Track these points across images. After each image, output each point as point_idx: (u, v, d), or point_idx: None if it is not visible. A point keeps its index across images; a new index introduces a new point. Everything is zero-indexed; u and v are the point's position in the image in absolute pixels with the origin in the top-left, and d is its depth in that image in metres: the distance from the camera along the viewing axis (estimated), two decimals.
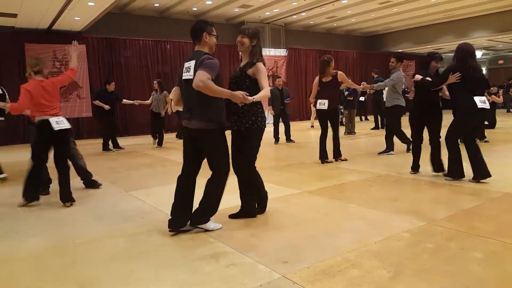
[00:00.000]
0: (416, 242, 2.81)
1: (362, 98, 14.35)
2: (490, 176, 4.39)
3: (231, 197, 3.59)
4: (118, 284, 2.35)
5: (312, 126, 12.95)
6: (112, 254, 2.80)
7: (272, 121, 9.55)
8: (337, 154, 6.35)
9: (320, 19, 16.35)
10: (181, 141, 3.44)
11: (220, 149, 3.17)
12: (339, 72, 6.17)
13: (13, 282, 2.44)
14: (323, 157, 6.25)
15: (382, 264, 2.45)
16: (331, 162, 6.27)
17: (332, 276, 2.32)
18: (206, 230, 3.15)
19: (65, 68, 11.91)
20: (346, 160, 6.35)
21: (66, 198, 4.19)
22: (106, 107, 8.48)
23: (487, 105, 4.40)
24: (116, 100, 8.93)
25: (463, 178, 4.57)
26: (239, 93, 2.95)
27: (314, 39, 18.26)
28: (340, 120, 13.24)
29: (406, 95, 6.73)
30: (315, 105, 6.35)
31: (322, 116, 6.23)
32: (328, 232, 3.09)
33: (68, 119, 4.38)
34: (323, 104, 6.12)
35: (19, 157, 8.42)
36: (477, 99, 4.34)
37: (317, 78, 6.33)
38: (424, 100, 4.85)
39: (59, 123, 4.16)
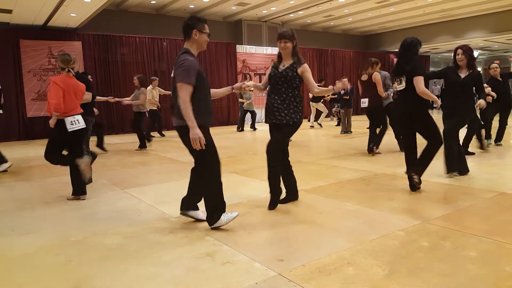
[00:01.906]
0: (411, 240, 2.83)
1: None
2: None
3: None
4: (113, 282, 2.34)
5: (312, 126, 12.86)
6: (107, 252, 2.79)
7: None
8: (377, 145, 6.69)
9: (317, 18, 16.37)
10: (176, 138, 3.43)
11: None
12: (374, 72, 6.52)
13: (8, 280, 2.43)
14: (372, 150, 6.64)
15: (377, 262, 2.47)
16: (379, 153, 6.65)
17: (327, 274, 2.32)
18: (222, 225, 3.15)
19: None
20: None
21: (81, 191, 4.31)
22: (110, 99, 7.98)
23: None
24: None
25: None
26: (199, 138, 2.92)
27: (311, 37, 18.26)
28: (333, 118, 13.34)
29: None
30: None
31: (368, 113, 6.79)
32: (323, 231, 3.10)
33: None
34: (364, 102, 6.68)
35: (16, 154, 8.38)
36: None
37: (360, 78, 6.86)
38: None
39: (74, 123, 4.18)
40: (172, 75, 3.13)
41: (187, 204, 3.35)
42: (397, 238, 2.88)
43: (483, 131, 6.90)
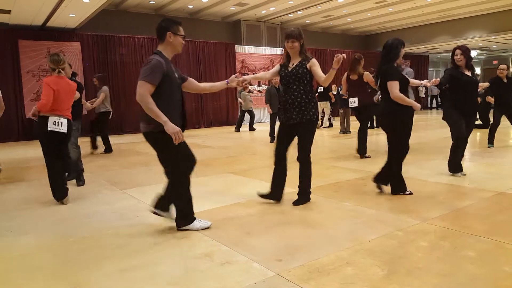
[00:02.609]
0: (410, 240, 2.83)
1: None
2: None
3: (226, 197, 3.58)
4: (112, 282, 2.34)
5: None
6: (106, 253, 2.79)
7: (269, 120, 9.55)
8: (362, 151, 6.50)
9: (316, 18, 16.38)
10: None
11: (165, 151, 3.02)
12: (365, 72, 6.42)
13: (6, 280, 2.42)
14: (362, 152, 6.45)
15: (376, 262, 2.46)
16: (369, 157, 6.41)
17: (326, 274, 2.32)
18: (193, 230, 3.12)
19: None
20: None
21: (59, 196, 4.17)
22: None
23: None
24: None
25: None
26: (177, 131, 2.82)
27: (310, 38, 18.22)
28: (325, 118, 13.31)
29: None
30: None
31: (357, 113, 6.59)
32: (322, 231, 3.10)
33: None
34: (353, 102, 6.45)
35: (15, 154, 8.37)
36: None
37: (345, 75, 6.64)
38: None
39: (56, 124, 4.11)
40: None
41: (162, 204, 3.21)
42: (396, 238, 2.88)
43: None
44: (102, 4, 9.76)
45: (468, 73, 4.71)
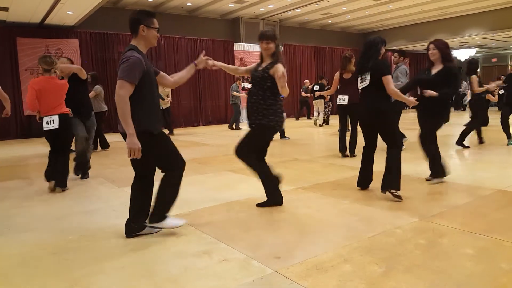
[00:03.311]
0: (408, 238, 2.83)
1: None
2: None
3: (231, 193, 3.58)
4: (110, 280, 2.33)
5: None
6: (104, 251, 2.79)
7: None
8: (353, 150, 6.43)
9: (315, 15, 16.35)
10: (176, 137, 3.42)
11: (151, 153, 2.86)
12: None
13: (3, 279, 2.42)
14: (343, 150, 6.45)
15: (374, 259, 2.47)
16: (347, 156, 6.39)
17: (324, 271, 2.32)
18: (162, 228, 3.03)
19: None
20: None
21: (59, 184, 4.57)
22: None
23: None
24: None
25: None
26: (137, 148, 2.70)
27: (309, 35, 18.25)
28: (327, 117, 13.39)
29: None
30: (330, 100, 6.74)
31: (343, 112, 6.52)
32: (321, 228, 3.10)
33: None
34: (343, 99, 6.35)
35: (13, 152, 8.36)
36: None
37: (337, 73, 6.58)
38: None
39: (49, 123, 4.46)
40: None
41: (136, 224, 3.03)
42: (394, 236, 2.88)
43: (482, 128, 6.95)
44: (100, 2, 9.74)
45: (434, 71, 4.34)
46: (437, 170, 4.44)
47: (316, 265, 2.40)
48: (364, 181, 4.23)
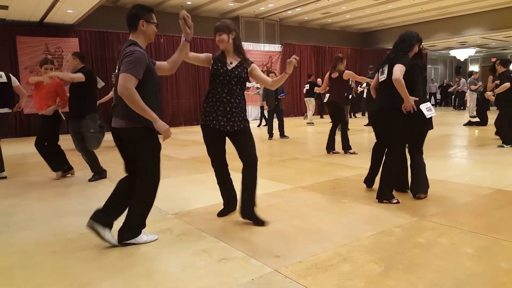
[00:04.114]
0: (408, 237, 2.83)
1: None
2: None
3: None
4: (109, 280, 2.33)
5: (310, 123, 12.98)
6: (103, 249, 2.78)
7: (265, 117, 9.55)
8: (346, 147, 6.76)
9: (314, 14, 16.33)
10: (175, 136, 3.41)
11: (146, 151, 2.77)
12: (346, 71, 6.58)
13: (3, 277, 2.42)
14: (329, 148, 6.82)
15: (373, 258, 2.47)
16: (338, 153, 6.72)
17: (324, 270, 2.33)
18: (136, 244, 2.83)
19: (57, 61, 11.80)
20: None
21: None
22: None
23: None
24: None
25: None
26: (168, 129, 2.65)
27: (308, 34, 18.24)
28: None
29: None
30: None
31: (328, 109, 7.00)
32: (320, 227, 3.10)
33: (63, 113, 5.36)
34: (325, 97, 6.87)
35: (13, 150, 8.34)
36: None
37: (328, 73, 6.83)
38: None
39: None
40: (115, 72, 2.82)
41: (103, 218, 2.80)
42: (393, 235, 2.88)
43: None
44: (100, 0, 9.72)
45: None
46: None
47: (316, 264, 2.41)
48: (371, 179, 4.19)
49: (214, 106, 3.16)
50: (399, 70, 3.47)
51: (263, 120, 12.70)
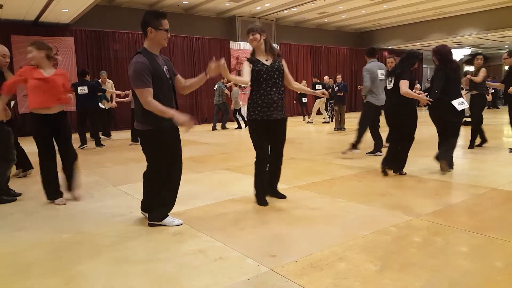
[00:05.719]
0: (403, 236, 2.84)
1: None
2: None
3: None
4: (105, 279, 2.33)
5: (310, 122, 13.03)
6: (99, 249, 2.77)
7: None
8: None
9: (311, 14, 16.36)
10: None
11: (150, 151, 3.10)
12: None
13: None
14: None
15: (369, 257, 2.47)
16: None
17: (319, 269, 2.33)
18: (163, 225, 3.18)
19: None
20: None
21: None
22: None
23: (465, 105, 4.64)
24: None
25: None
26: (187, 120, 2.85)
27: (305, 34, 18.26)
28: (330, 115, 13.46)
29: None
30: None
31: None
32: (316, 226, 3.11)
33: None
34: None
35: None
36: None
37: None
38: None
39: None
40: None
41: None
42: (389, 234, 2.89)
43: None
44: None
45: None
46: None
47: (312, 263, 2.41)
48: (390, 161, 4.83)
49: (264, 100, 3.53)
50: (404, 85, 4.51)
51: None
